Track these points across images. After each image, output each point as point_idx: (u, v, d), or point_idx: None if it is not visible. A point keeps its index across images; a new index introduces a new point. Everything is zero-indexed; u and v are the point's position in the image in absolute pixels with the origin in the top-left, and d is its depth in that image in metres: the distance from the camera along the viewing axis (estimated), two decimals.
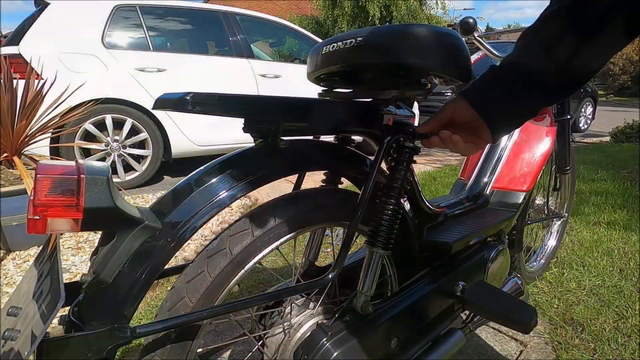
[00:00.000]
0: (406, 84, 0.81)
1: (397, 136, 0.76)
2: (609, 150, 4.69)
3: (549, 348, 1.26)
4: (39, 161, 0.44)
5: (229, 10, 3.75)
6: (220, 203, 0.59)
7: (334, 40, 0.78)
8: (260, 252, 0.64)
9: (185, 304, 0.59)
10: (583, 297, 1.53)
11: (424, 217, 0.96)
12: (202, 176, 0.61)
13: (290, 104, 0.60)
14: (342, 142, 0.84)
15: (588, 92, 7.07)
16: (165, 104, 0.53)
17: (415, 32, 0.70)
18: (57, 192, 0.43)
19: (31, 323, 0.45)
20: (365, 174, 0.77)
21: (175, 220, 0.56)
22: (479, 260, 1.00)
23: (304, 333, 0.73)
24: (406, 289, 0.85)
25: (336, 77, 0.91)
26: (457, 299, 0.91)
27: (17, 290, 0.57)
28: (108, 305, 0.52)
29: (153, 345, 0.58)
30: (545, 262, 1.71)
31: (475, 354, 1.24)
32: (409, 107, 0.83)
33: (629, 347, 1.24)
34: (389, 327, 0.77)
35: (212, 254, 0.62)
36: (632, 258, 1.85)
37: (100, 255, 0.52)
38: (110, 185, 0.46)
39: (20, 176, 1.85)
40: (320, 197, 0.72)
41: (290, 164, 0.66)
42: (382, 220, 0.74)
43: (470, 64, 0.77)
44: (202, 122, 3.22)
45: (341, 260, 0.70)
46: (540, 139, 1.30)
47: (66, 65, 2.81)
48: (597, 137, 6.21)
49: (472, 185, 1.27)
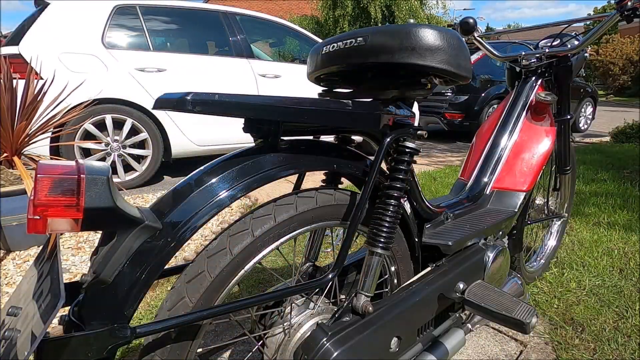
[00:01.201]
0: (406, 84, 0.81)
1: (397, 136, 0.76)
2: (609, 150, 4.69)
3: (549, 348, 1.26)
4: (39, 161, 0.44)
5: (229, 10, 3.76)
6: (220, 203, 0.59)
7: (334, 40, 0.78)
8: (260, 252, 0.64)
9: (185, 304, 0.59)
10: (583, 297, 1.53)
11: (424, 217, 0.96)
12: (202, 176, 0.61)
13: (290, 104, 0.60)
14: (342, 142, 0.84)
15: (588, 92, 7.06)
16: (165, 104, 0.53)
17: (415, 32, 0.70)
18: (57, 192, 0.43)
19: (31, 323, 0.45)
20: (365, 174, 0.77)
21: (175, 220, 0.56)
22: (478, 260, 1.00)
23: (304, 333, 0.73)
24: (406, 289, 0.85)
25: (336, 77, 0.91)
26: (457, 299, 0.91)
27: (17, 290, 0.57)
28: (108, 305, 0.52)
29: (153, 345, 0.58)
30: (545, 262, 1.71)
31: (475, 354, 1.24)
32: (409, 107, 0.83)
33: (629, 347, 1.24)
34: (389, 327, 0.77)
35: (212, 254, 0.62)
36: (632, 258, 1.85)
37: (100, 255, 0.52)
38: (110, 185, 0.46)
39: (20, 176, 1.85)
40: (320, 197, 0.72)
41: (290, 164, 0.66)
42: (382, 220, 0.74)
43: (470, 64, 0.78)
44: (202, 122, 3.22)
45: (341, 260, 0.70)
46: (540, 139, 1.30)
47: (66, 65, 2.81)
48: (597, 137, 6.21)
49: (472, 186, 1.27)
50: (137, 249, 0.52)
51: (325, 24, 15.35)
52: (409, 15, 14.05)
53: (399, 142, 0.78)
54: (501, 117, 1.36)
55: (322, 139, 0.79)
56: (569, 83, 1.43)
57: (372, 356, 0.74)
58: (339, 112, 0.67)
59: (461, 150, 5.31)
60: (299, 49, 4.42)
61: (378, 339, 0.76)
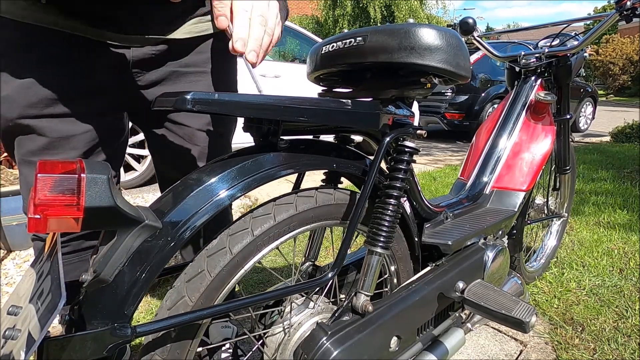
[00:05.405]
0: (405, 83, 0.81)
1: (397, 136, 0.76)
2: (609, 150, 4.69)
3: (549, 348, 1.26)
4: (40, 160, 0.44)
5: None
6: (220, 202, 0.59)
7: (334, 40, 0.78)
8: (260, 252, 0.64)
9: (185, 303, 0.59)
10: (583, 297, 1.53)
11: (424, 216, 0.96)
12: (202, 175, 0.61)
13: (290, 103, 0.60)
14: (342, 142, 0.84)
15: (588, 92, 7.07)
16: (164, 104, 0.53)
17: (415, 31, 0.70)
18: (57, 191, 0.43)
19: (32, 322, 0.45)
20: (364, 174, 0.77)
21: (175, 220, 0.56)
22: (478, 259, 1.00)
23: (303, 332, 0.73)
24: (406, 288, 0.85)
25: (336, 77, 0.91)
26: (456, 298, 0.91)
27: (17, 290, 0.57)
28: (108, 305, 0.52)
29: (153, 344, 0.58)
30: (545, 262, 1.71)
31: (475, 354, 1.24)
32: (409, 107, 0.83)
33: (629, 347, 1.24)
34: (388, 326, 0.77)
35: (212, 253, 0.62)
36: (632, 258, 1.86)
37: (100, 254, 0.52)
38: (110, 185, 0.46)
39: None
40: (320, 197, 0.72)
41: (290, 164, 0.66)
42: (382, 220, 0.75)
43: (469, 64, 0.78)
44: None
45: (341, 260, 0.71)
46: (540, 138, 1.30)
47: None
48: (597, 137, 6.21)
49: (471, 185, 1.28)
50: (137, 248, 0.52)
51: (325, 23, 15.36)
52: (409, 15, 14.06)
53: (399, 142, 0.78)
54: (501, 116, 1.36)
55: (321, 139, 0.79)
56: (568, 83, 1.43)
57: (371, 355, 0.74)
58: (339, 112, 0.67)
59: (461, 150, 5.31)
60: (299, 49, 4.42)
61: (378, 338, 0.76)
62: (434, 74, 0.78)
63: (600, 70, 17.43)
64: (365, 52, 0.73)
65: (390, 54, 0.71)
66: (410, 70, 0.77)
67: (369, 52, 0.73)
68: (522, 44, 1.59)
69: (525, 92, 1.36)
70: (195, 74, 0.86)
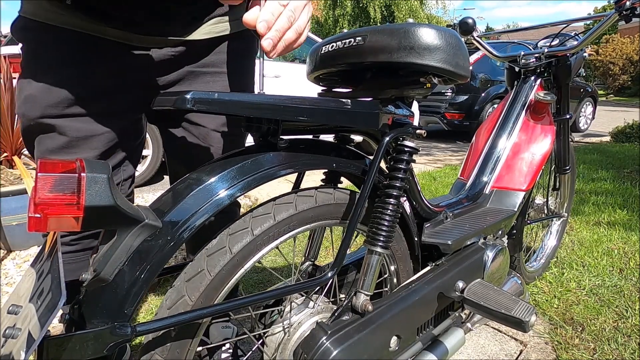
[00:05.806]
0: (405, 83, 0.81)
1: (396, 135, 0.76)
2: (609, 150, 4.69)
3: (549, 348, 1.27)
4: (40, 159, 0.44)
5: None
6: (220, 202, 0.59)
7: (334, 40, 0.78)
8: (259, 251, 0.65)
9: (185, 303, 0.59)
10: (583, 297, 1.53)
11: (424, 216, 0.96)
12: (202, 175, 0.61)
13: (290, 103, 0.60)
14: (342, 142, 0.84)
15: (588, 92, 7.07)
16: (165, 103, 0.53)
17: (414, 31, 0.71)
18: (57, 190, 0.43)
19: (32, 321, 0.46)
20: (364, 173, 0.77)
21: (175, 219, 0.56)
22: (478, 259, 1.00)
23: (303, 332, 0.73)
24: (406, 288, 0.85)
25: (335, 77, 0.91)
26: (456, 298, 0.91)
27: (17, 289, 0.57)
28: (108, 304, 0.52)
29: (153, 344, 0.58)
30: (545, 262, 1.71)
31: (475, 353, 1.25)
32: (408, 107, 0.83)
33: (629, 347, 1.24)
34: (388, 326, 0.77)
35: (212, 253, 0.62)
36: (632, 258, 1.86)
37: (100, 253, 0.52)
38: (110, 184, 0.46)
39: (20, 176, 1.86)
40: (320, 196, 0.72)
41: (289, 163, 0.67)
42: (382, 219, 0.75)
43: (468, 63, 0.78)
44: None
45: (340, 259, 0.71)
46: (540, 138, 1.30)
47: None
48: (597, 137, 6.21)
49: (471, 185, 1.28)
50: (137, 247, 0.52)
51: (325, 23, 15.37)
52: (409, 15, 14.07)
53: (398, 142, 0.78)
54: (500, 116, 1.36)
55: (321, 139, 0.79)
56: (568, 83, 1.43)
57: (371, 355, 0.74)
58: (339, 111, 0.67)
59: (461, 150, 5.31)
60: (299, 49, 4.42)
61: (378, 337, 0.76)
62: (434, 74, 0.78)
63: (600, 70, 17.43)
64: (365, 52, 0.73)
65: (390, 53, 0.71)
66: (409, 70, 0.77)
67: (369, 52, 0.73)
68: (521, 44, 1.59)
69: (525, 92, 1.36)
70: (212, 74, 0.86)
